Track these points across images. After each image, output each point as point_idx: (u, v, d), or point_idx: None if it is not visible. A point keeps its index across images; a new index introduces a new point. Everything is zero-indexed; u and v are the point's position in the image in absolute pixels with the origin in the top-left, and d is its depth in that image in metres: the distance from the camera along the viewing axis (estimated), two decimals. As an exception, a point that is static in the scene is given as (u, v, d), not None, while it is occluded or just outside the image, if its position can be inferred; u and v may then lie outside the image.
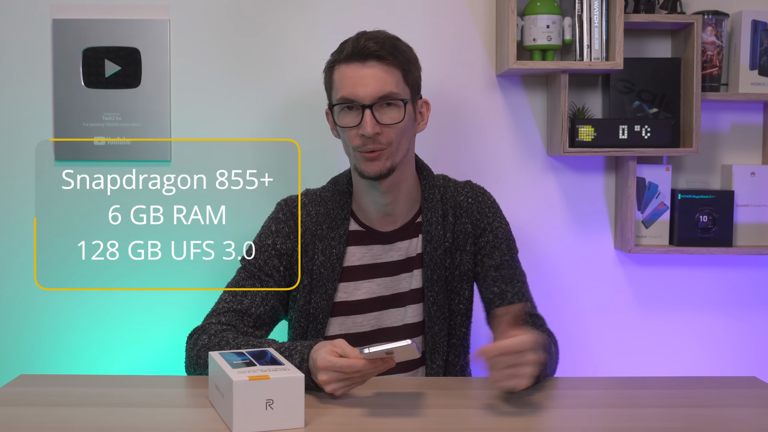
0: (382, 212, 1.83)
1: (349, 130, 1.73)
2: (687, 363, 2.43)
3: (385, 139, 1.72)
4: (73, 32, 2.31)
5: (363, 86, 1.71)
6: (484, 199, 1.88)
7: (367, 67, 1.72)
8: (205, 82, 2.35)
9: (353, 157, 1.77)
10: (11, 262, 2.36)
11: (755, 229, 2.37)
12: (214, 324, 1.75)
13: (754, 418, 1.49)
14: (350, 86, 1.72)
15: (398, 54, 1.74)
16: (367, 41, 1.72)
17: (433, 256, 1.81)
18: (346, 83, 1.73)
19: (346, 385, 1.50)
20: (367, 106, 1.70)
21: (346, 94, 1.72)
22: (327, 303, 1.80)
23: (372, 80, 1.71)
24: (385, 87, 1.72)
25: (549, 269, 2.41)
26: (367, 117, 1.70)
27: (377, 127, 1.70)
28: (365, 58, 1.72)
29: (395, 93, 1.73)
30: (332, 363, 1.48)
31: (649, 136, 2.27)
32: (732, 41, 2.37)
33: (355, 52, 1.72)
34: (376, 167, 1.73)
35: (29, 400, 1.53)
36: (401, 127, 1.74)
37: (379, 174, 1.73)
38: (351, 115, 1.73)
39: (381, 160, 1.73)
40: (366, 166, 1.73)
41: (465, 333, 1.86)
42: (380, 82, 1.71)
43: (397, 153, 1.75)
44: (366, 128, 1.70)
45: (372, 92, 1.71)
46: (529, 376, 1.47)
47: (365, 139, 1.71)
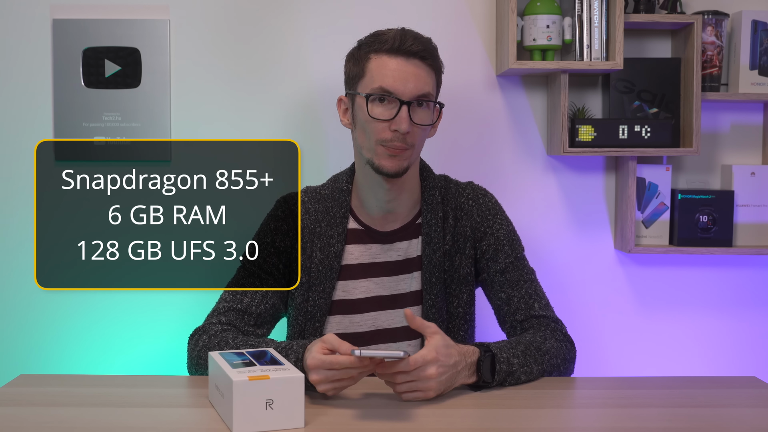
0: (384, 210, 1.82)
1: (380, 122, 1.72)
2: (687, 363, 2.43)
3: (411, 139, 1.73)
4: (73, 32, 2.31)
5: (404, 81, 1.71)
6: (484, 201, 1.87)
7: (411, 64, 1.72)
8: (205, 82, 2.35)
9: (371, 150, 1.74)
10: (11, 262, 2.36)
11: (755, 229, 2.37)
12: (214, 324, 1.74)
13: (754, 418, 1.49)
14: (391, 78, 1.71)
15: (437, 58, 1.77)
16: (413, 40, 1.73)
17: (432, 258, 1.81)
18: (387, 74, 1.72)
19: (337, 386, 1.49)
20: (406, 102, 1.71)
21: (386, 85, 1.71)
22: (325, 301, 1.80)
23: (414, 78, 1.72)
24: (425, 87, 1.73)
25: (549, 269, 2.41)
26: (403, 113, 1.70)
27: (411, 126, 1.71)
28: (409, 56, 1.72)
29: (431, 95, 1.74)
30: (321, 361, 1.47)
31: (649, 136, 2.27)
32: (732, 41, 2.37)
33: (402, 47, 1.72)
34: (396, 164, 1.73)
35: (29, 400, 1.53)
36: (427, 130, 1.77)
37: (397, 172, 1.74)
38: (384, 107, 1.72)
39: (402, 159, 1.73)
40: (387, 161, 1.73)
41: (464, 336, 1.85)
42: (421, 81, 1.72)
43: (415, 155, 1.77)
44: (402, 124, 1.69)
45: (413, 89, 1.71)
46: (433, 389, 1.50)
47: (396, 135, 1.71)
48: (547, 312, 1.81)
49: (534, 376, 1.65)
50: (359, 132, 1.77)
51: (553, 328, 1.78)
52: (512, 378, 1.61)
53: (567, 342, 1.77)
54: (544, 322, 1.79)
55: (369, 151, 1.75)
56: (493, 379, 1.59)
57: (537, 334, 1.74)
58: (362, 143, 1.77)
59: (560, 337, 1.77)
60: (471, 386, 1.59)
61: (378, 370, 1.50)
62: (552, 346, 1.72)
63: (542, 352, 1.69)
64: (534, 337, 1.72)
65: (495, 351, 1.60)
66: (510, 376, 1.61)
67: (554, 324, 1.80)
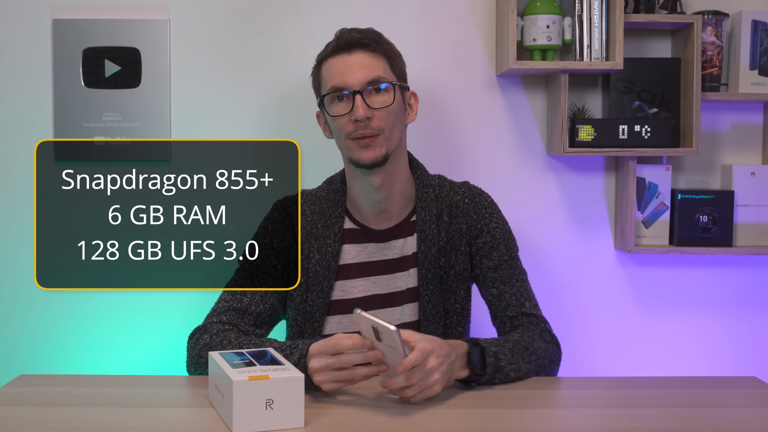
0: (377, 209, 1.83)
1: (341, 118, 1.75)
2: (687, 363, 2.43)
3: (376, 124, 1.74)
4: (73, 32, 2.31)
5: (351, 73, 1.74)
6: (481, 200, 1.88)
7: (354, 55, 1.76)
8: (205, 82, 2.35)
9: (346, 149, 1.78)
10: (11, 262, 2.36)
11: (755, 229, 2.37)
12: (215, 323, 1.75)
13: (754, 418, 1.49)
14: (338, 75, 1.75)
15: (382, 43, 1.79)
16: (350, 32, 1.77)
17: (428, 255, 1.82)
18: (334, 73, 1.76)
19: (335, 377, 1.49)
20: (358, 91, 1.73)
21: (335, 83, 1.75)
22: (323, 301, 1.81)
23: (359, 67, 1.75)
24: (373, 72, 1.75)
25: (549, 269, 2.41)
26: (358, 101, 1.73)
27: (369, 111, 1.73)
28: (350, 48, 1.76)
29: (383, 77, 1.76)
30: (324, 345, 1.49)
31: (649, 136, 2.27)
32: (732, 41, 2.37)
33: (340, 43, 1.77)
34: (371, 154, 1.74)
35: (29, 400, 1.53)
36: (392, 111, 1.76)
37: (375, 161, 1.74)
38: (342, 104, 1.76)
39: (376, 147, 1.74)
40: (361, 154, 1.74)
41: (461, 332, 1.86)
42: (368, 68, 1.75)
43: (391, 140, 1.77)
44: (358, 111, 1.72)
45: (360, 77, 1.74)
46: (438, 382, 1.49)
47: (358, 124, 1.73)
48: (536, 312, 1.83)
49: (522, 374, 1.66)
50: (335, 136, 1.82)
51: (542, 329, 1.79)
52: (501, 374, 1.62)
53: (554, 344, 1.79)
54: (533, 321, 1.80)
55: (344, 149, 1.79)
56: (485, 371, 1.59)
57: (525, 334, 1.74)
58: (338, 144, 1.81)
59: (548, 338, 1.78)
60: (464, 383, 1.59)
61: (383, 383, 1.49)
62: (539, 347, 1.73)
63: (530, 351, 1.69)
64: (522, 336, 1.73)
65: (483, 344, 1.62)
66: (499, 371, 1.61)
67: (543, 324, 1.81)
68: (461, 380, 1.59)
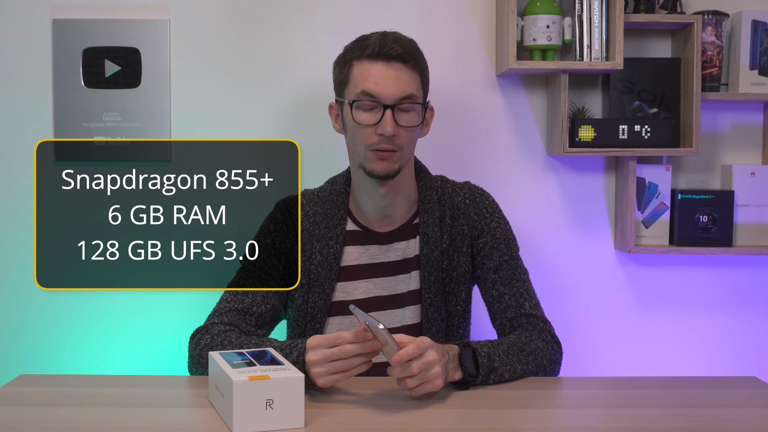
0: (381, 213, 1.83)
1: (366, 128, 1.74)
2: (687, 363, 2.43)
3: (399, 141, 1.74)
4: (73, 32, 2.31)
5: (386, 86, 1.72)
6: (481, 200, 1.88)
7: (392, 68, 1.73)
8: (205, 82, 2.35)
9: (362, 156, 1.76)
10: (11, 262, 2.36)
11: (755, 229, 2.37)
12: (216, 324, 1.75)
13: (754, 418, 1.49)
14: (373, 83, 1.73)
15: (420, 59, 1.77)
16: (393, 43, 1.73)
17: (430, 257, 1.81)
18: (368, 79, 1.73)
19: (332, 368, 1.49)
20: (389, 106, 1.72)
21: (368, 89, 1.73)
22: (325, 302, 1.81)
23: (396, 81, 1.73)
24: (408, 89, 1.73)
25: (549, 269, 2.41)
26: (387, 117, 1.71)
27: (396, 129, 1.72)
28: (390, 59, 1.73)
29: (416, 96, 1.75)
30: (324, 338, 1.50)
31: (649, 136, 2.27)
32: (732, 41, 2.37)
33: (382, 52, 1.73)
34: (386, 167, 1.74)
35: (29, 400, 1.53)
36: (415, 131, 1.77)
37: (387, 174, 1.75)
38: (370, 113, 1.74)
39: (391, 161, 1.74)
40: (377, 165, 1.74)
41: (462, 334, 1.86)
42: (404, 84, 1.73)
43: (405, 156, 1.77)
44: (386, 128, 1.71)
45: (395, 93, 1.72)
46: (439, 376, 1.50)
47: (382, 138, 1.72)
48: (536, 312, 1.82)
49: (518, 375, 1.66)
50: (349, 138, 1.80)
51: (541, 329, 1.79)
52: (496, 374, 1.62)
53: (554, 343, 1.78)
54: (533, 321, 1.80)
55: (359, 156, 1.77)
56: (478, 372, 1.59)
57: (523, 335, 1.74)
58: (353, 149, 1.80)
59: (547, 337, 1.78)
60: (458, 385, 1.60)
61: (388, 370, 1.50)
62: (538, 347, 1.72)
63: (526, 352, 1.69)
64: (519, 337, 1.72)
65: (474, 346, 1.62)
66: (493, 372, 1.61)
67: (543, 324, 1.81)
68: (455, 383, 1.59)
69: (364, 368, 1.51)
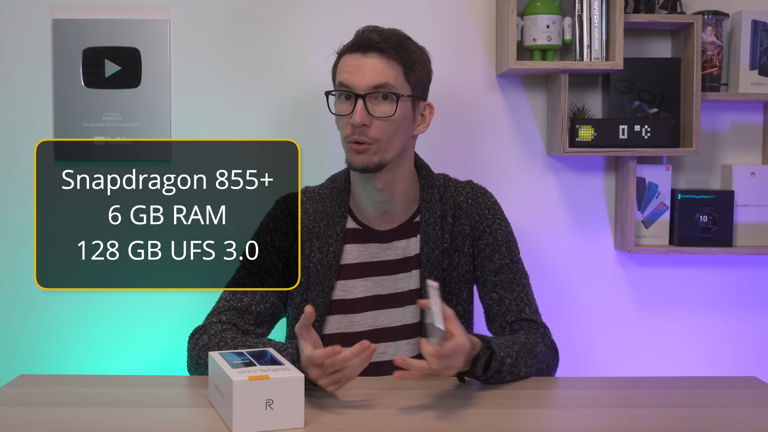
0: (379, 210, 1.83)
1: (342, 118, 1.75)
2: (687, 363, 2.43)
3: (373, 133, 1.71)
4: (73, 32, 2.31)
5: (359, 75, 1.72)
6: (484, 201, 1.87)
7: (368, 57, 1.73)
8: (205, 82, 2.35)
9: (344, 148, 1.77)
10: (11, 262, 2.36)
11: (755, 229, 2.37)
12: (214, 323, 1.75)
13: (754, 418, 1.49)
14: (347, 74, 1.73)
15: (402, 50, 1.74)
16: (371, 32, 1.73)
17: (431, 256, 1.81)
18: (344, 71, 1.74)
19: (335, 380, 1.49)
20: (361, 95, 1.71)
21: (343, 80, 1.73)
22: (324, 301, 1.80)
23: (369, 70, 1.72)
24: (381, 78, 1.71)
25: (549, 269, 2.41)
26: (358, 106, 1.70)
27: (367, 118, 1.70)
28: (366, 49, 1.73)
29: (391, 86, 1.72)
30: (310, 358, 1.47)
31: (649, 136, 2.27)
32: (732, 41, 2.37)
33: (358, 42, 1.74)
34: (362, 160, 1.73)
35: (29, 400, 1.53)
36: (393, 122, 1.72)
37: (365, 167, 1.73)
38: (346, 104, 1.74)
39: (368, 154, 1.72)
40: (353, 158, 1.74)
41: (465, 335, 1.86)
42: (377, 73, 1.71)
43: (387, 150, 1.74)
44: (355, 117, 1.70)
45: (367, 81, 1.71)
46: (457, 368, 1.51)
47: (354, 129, 1.71)
48: (536, 317, 1.83)
49: (519, 377, 1.66)
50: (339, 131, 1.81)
51: (542, 334, 1.80)
52: (498, 376, 1.62)
53: (553, 349, 1.79)
54: (533, 326, 1.80)
55: (343, 149, 1.78)
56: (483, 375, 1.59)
57: (530, 336, 1.74)
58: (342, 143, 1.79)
59: (548, 343, 1.79)
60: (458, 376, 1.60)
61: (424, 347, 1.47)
62: (541, 351, 1.73)
63: (533, 355, 1.70)
64: (528, 338, 1.73)
65: (495, 348, 1.61)
66: (498, 374, 1.61)
67: (543, 330, 1.81)
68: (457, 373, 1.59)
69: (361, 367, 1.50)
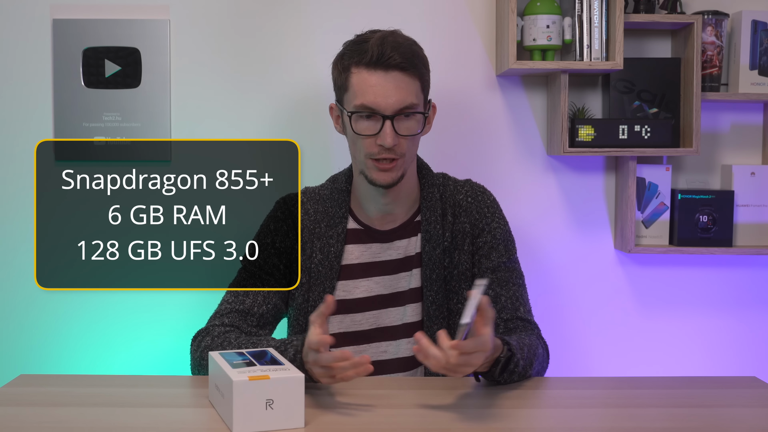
0: (382, 211, 1.83)
1: (366, 138, 1.73)
2: (687, 363, 2.43)
3: (400, 149, 1.73)
4: (73, 32, 2.31)
5: (385, 97, 1.70)
6: (483, 199, 1.87)
7: (390, 76, 1.70)
8: (205, 82, 2.35)
9: (362, 163, 1.76)
10: (11, 262, 2.36)
11: (755, 229, 2.37)
12: (217, 326, 1.75)
13: (754, 418, 1.49)
14: (372, 95, 1.70)
15: (419, 64, 1.74)
16: (392, 51, 1.70)
17: (432, 255, 1.81)
18: (367, 91, 1.71)
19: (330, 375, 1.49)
20: (389, 117, 1.70)
21: (367, 102, 1.71)
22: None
23: (395, 91, 1.70)
24: (407, 98, 1.71)
25: (549, 269, 2.41)
26: (387, 128, 1.70)
27: (396, 139, 1.71)
28: (388, 68, 1.70)
29: (415, 104, 1.73)
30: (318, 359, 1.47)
31: (649, 136, 2.27)
32: (732, 41, 2.37)
33: (380, 60, 1.70)
34: (389, 177, 1.74)
35: (29, 400, 1.53)
36: (417, 138, 1.76)
37: (391, 183, 1.75)
38: (369, 123, 1.72)
39: (394, 170, 1.74)
40: (378, 176, 1.74)
41: (465, 333, 1.86)
42: (402, 93, 1.71)
43: (408, 162, 1.77)
44: (386, 140, 1.69)
45: (394, 104, 1.70)
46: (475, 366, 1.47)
47: (382, 149, 1.71)
48: (530, 317, 1.83)
49: (524, 378, 1.67)
50: (350, 143, 1.80)
51: (537, 335, 1.80)
52: (510, 378, 1.62)
53: (547, 351, 1.80)
54: (528, 326, 1.81)
55: (360, 164, 1.77)
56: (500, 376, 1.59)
57: (531, 338, 1.74)
58: (354, 155, 1.79)
59: (543, 344, 1.80)
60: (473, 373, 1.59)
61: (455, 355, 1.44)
62: (540, 353, 1.74)
63: (536, 356, 1.70)
64: (531, 340, 1.73)
65: (515, 352, 1.60)
66: (510, 375, 1.61)
67: (538, 330, 1.82)
68: None
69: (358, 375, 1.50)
